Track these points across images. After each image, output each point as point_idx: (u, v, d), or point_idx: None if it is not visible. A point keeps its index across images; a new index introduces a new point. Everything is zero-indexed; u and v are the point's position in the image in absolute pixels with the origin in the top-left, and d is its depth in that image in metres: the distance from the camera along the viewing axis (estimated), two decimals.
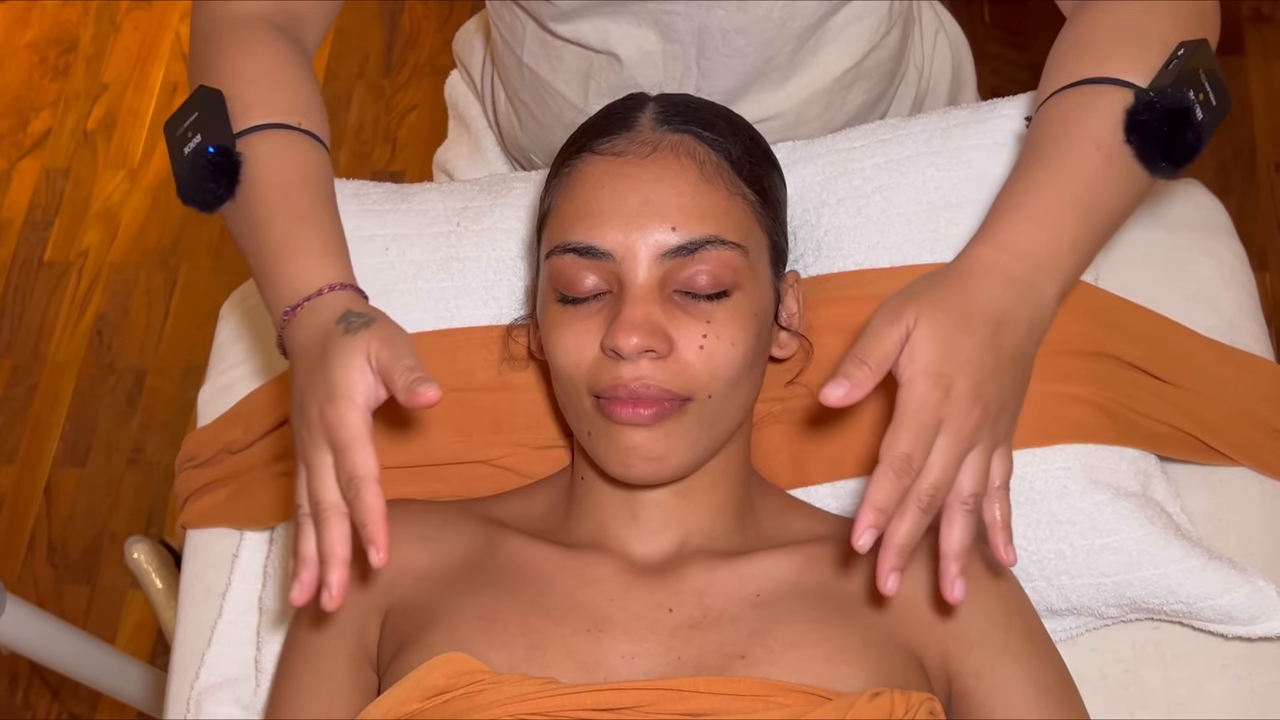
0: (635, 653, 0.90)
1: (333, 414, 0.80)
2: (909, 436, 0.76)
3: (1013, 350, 0.80)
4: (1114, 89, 0.85)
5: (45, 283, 2.35)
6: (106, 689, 1.61)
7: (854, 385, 0.77)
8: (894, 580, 0.76)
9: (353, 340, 0.83)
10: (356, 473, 0.79)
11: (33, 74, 2.58)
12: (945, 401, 0.76)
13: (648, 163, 0.92)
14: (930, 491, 0.76)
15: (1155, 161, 0.85)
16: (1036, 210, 0.84)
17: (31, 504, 2.14)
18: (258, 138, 0.94)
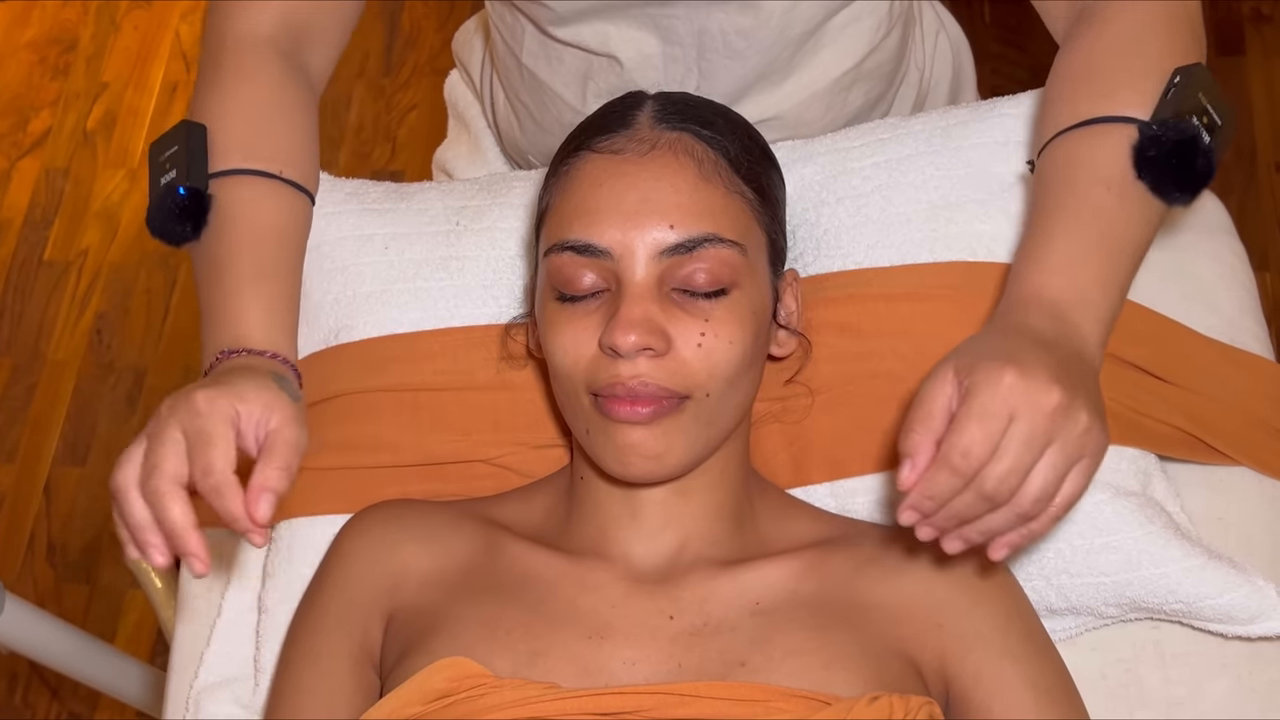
0: (636, 659, 0.90)
1: (206, 402, 0.81)
2: (973, 426, 0.73)
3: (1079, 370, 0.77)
4: (1118, 127, 0.85)
5: (45, 282, 2.35)
6: (106, 688, 1.60)
7: (914, 453, 0.75)
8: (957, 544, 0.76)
9: (273, 388, 0.84)
10: (215, 466, 0.79)
11: (32, 73, 2.58)
12: (1018, 385, 0.73)
13: (646, 161, 0.92)
14: (1000, 481, 0.73)
15: (1170, 193, 0.85)
16: (1058, 260, 0.83)
17: (31, 503, 2.14)
18: (233, 182, 0.96)
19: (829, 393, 1.05)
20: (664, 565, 0.95)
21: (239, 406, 0.82)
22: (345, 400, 1.10)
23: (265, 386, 0.84)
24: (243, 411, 0.82)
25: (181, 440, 0.81)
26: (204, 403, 0.81)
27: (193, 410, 0.82)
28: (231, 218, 0.95)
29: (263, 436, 0.83)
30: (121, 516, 0.82)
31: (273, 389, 0.84)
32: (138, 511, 0.81)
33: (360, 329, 1.13)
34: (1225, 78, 2.23)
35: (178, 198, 0.94)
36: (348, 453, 1.09)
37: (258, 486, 0.80)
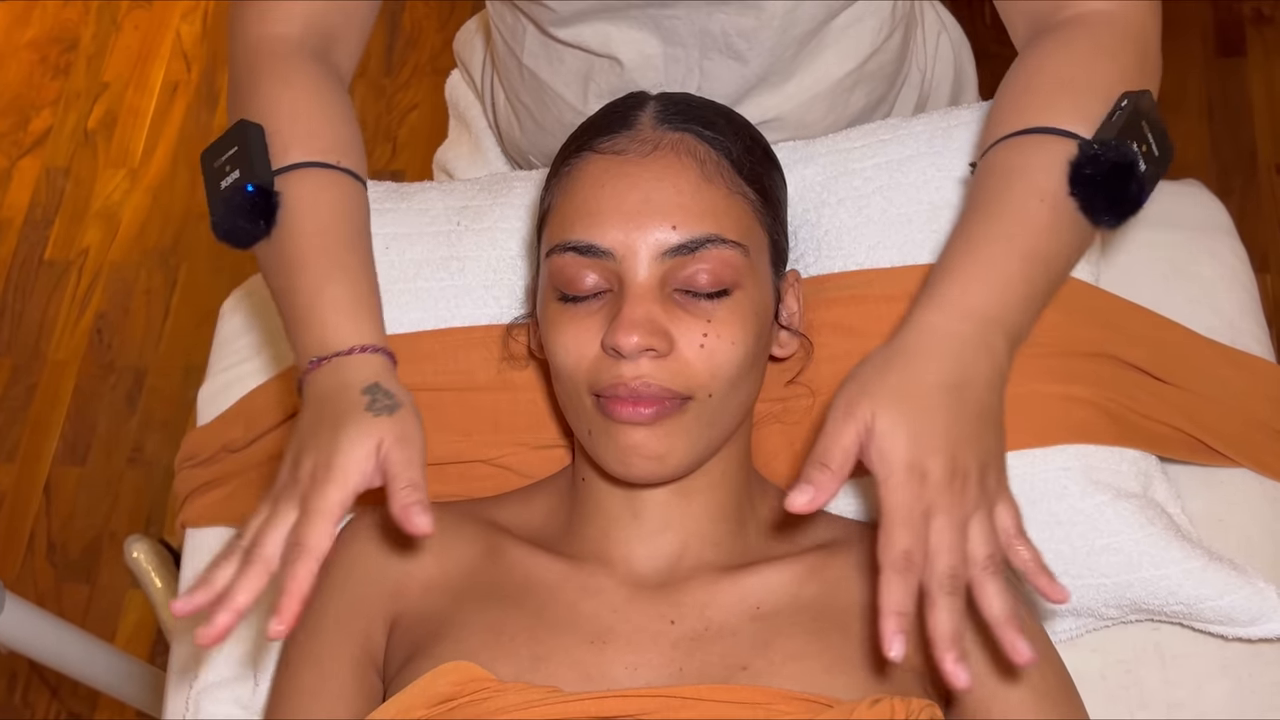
0: (638, 664, 0.90)
1: (319, 483, 0.81)
2: (903, 534, 0.75)
3: (978, 409, 0.80)
4: (1057, 140, 0.86)
5: (45, 281, 2.34)
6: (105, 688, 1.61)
7: (818, 490, 0.77)
8: (963, 672, 0.74)
9: (371, 423, 0.83)
10: (307, 543, 0.79)
11: (33, 73, 2.58)
12: (925, 487, 0.76)
13: (648, 161, 0.92)
14: (950, 574, 0.75)
15: (1099, 214, 0.86)
16: (982, 269, 0.84)
17: (31, 503, 2.14)
18: (296, 176, 0.94)
19: (830, 394, 1.04)
20: (665, 569, 0.95)
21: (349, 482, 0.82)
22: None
23: (360, 426, 0.83)
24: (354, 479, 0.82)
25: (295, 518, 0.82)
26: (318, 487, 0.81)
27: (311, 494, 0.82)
28: (300, 211, 0.93)
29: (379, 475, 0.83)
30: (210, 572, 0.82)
31: (367, 421, 0.83)
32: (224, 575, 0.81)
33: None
34: (1226, 78, 2.23)
35: (246, 196, 0.92)
36: None
37: (400, 512, 0.80)
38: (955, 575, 0.75)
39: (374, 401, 0.85)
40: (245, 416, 1.19)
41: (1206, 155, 2.17)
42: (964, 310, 0.82)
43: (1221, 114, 2.20)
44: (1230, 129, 2.18)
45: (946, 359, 0.80)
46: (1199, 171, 2.13)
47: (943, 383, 0.79)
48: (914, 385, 0.79)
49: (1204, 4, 2.31)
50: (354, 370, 0.88)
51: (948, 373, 0.80)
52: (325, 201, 0.95)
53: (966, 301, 0.82)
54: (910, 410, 0.78)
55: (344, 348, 0.89)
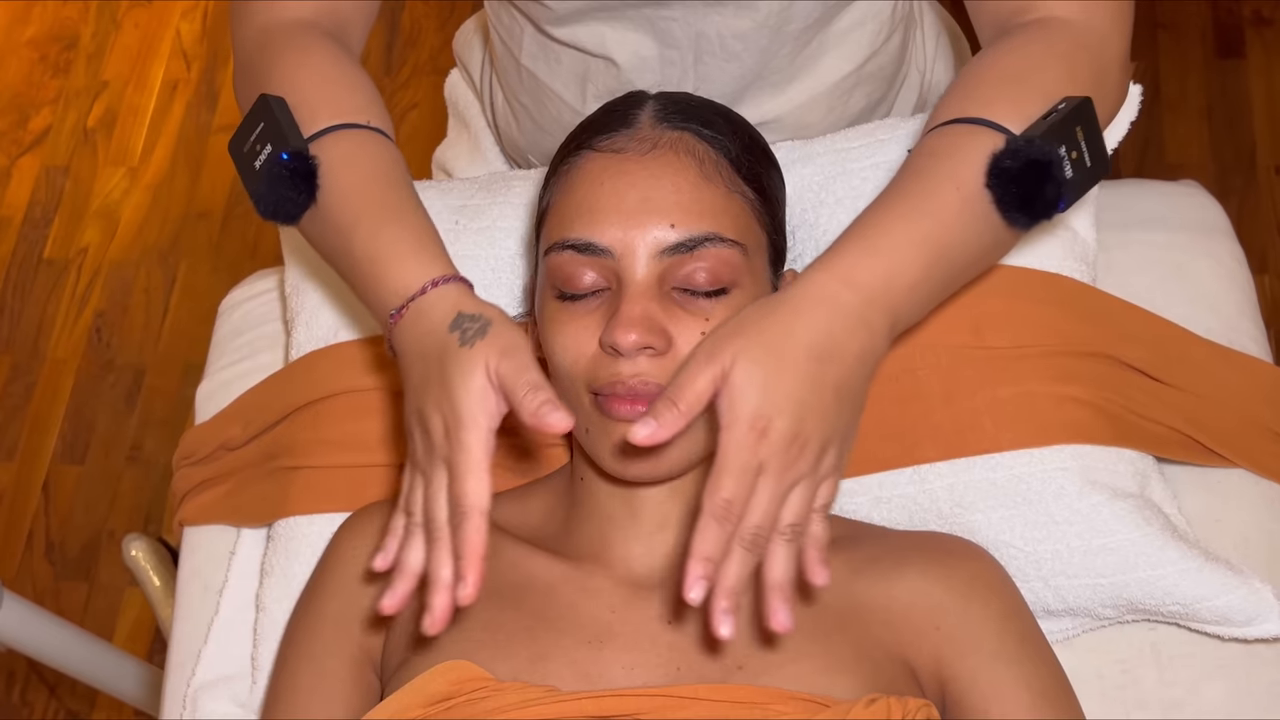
0: (635, 664, 0.90)
1: (455, 435, 0.79)
2: (729, 483, 0.75)
3: (837, 383, 0.78)
4: (986, 131, 0.84)
5: (45, 280, 2.34)
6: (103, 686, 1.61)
7: (660, 426, 0.76)
8: (728, 624, 0.74)
9: (470, 354, 0.81)
10: (465, 502, 0.78)
11: (33, 71, 2.58)
12: (763, 444, 0.75)
13: (647, 160, 0.92)
14: (753, 531, 0.75)
15: (1012, 211, 0.84)
16: (882, 243, 0.82)
17: (30, 501, 2.14)
18: (330, 140, 0.92)
19: None
20: (663, 569, 0.95)
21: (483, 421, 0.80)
22: (344, 399, 1.10)
23: (461, 363, 0.81)
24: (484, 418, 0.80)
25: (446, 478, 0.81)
26: (454, 439, 0.80)
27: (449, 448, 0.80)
28: (340, 170, 0.91)
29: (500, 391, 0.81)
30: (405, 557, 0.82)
31: (465, 357, 0.81)
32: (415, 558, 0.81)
33: (359, 328, 1.13)
34: (1225, 80, 2.23)
35: (282, 165, 0.90)
36: (346, 451, 1.09)
37: (533, 420, 0.78)
38: (758, 536, 0.75)
39: (464, 334, 0.82)
40: (243, 415, 1.19)
41: (1206, 156, 2.17)
42: (851, 280, 0.80)
43: (1221, 115, 2.20)
44: (1230, 130, 2.19)
45: (820, 324, 0.79)
46: (1198, 172, 2.13)
47: (810, 347, 0.78)
48: (781, 343, 0.78)
49: (1204, 5, 2.31)
50: (434, 309, 0.85)
51: (818, 338, 0.78)
52: (364, 158, 0.92)
53: (856, 273, 0.81)
54: (770, 366, 0.77)
55: (415, 289, 0.86)
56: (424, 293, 0.85)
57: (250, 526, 1.17)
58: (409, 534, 0.82)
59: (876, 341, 0.81)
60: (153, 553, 1.71)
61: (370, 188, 0.91)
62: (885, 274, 0.81)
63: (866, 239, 0.82)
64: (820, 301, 0.79)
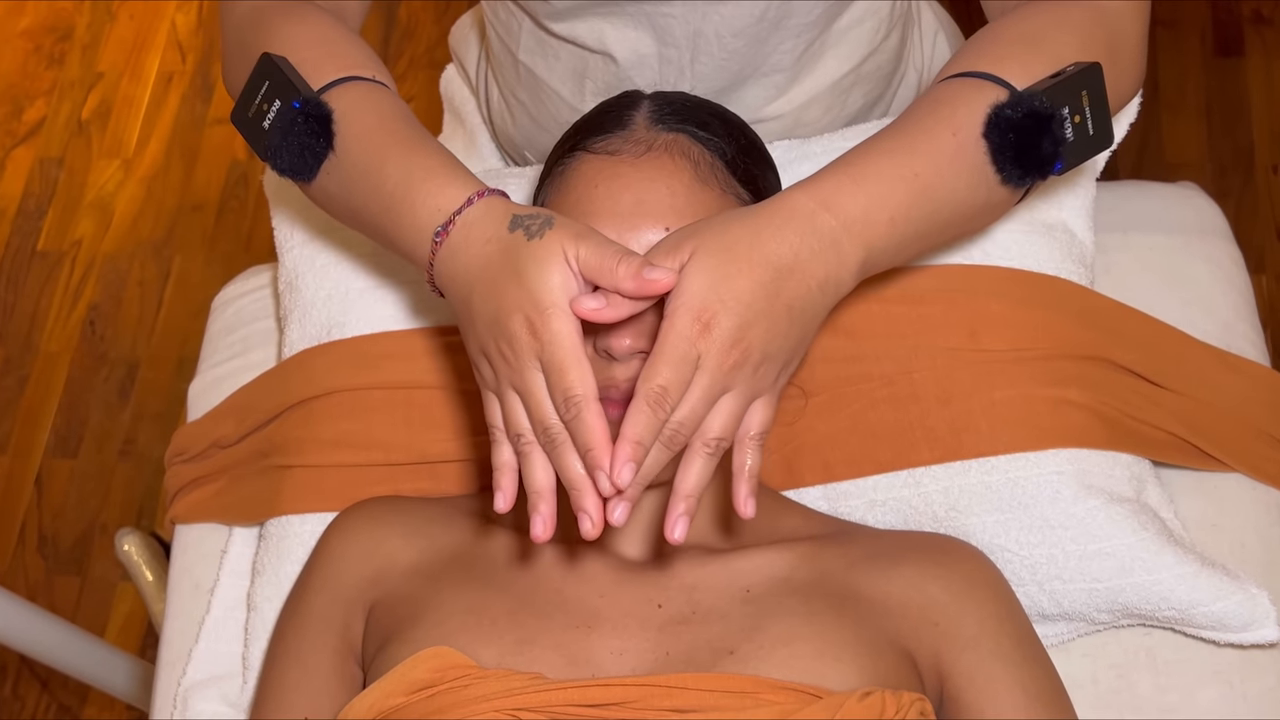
0: (624, 648, 0.89)
1: (544, 328, 0.76)
2: (666, 370, 0.74)
3: (792, 300, 0.77)
4: (992, 86, 0.84)
5: (38, 272, 2.34)
6: (95, 682, 1.60)
7: (609, 303, 0.76)
8: (624, 511, 0.75)
9: (543, 244, 0.78)
10: (574, 392, 0.76)
11: (27, 62, 2.56)
12: (704, 337, 0.75)
13: (642, 162, 0.91)
14: (675, 426, 0.75)
15: (1005, 163, 0.83)
16: (868, 171, 0.81)
17: (22, 494, 2.14)
18: (337, 91, 0.90)
19: (823, 395, 1.05)
20: (653, 555, 0.95)
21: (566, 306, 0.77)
22: (337, 398, 1.10)
23: (537, 255, 0.78)
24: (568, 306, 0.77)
25: (543, 378, 0.78)
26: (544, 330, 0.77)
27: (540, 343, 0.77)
28: (355, 118, 0.88)
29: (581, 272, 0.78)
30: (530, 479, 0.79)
31: (537, 247, 0.78)
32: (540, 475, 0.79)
33: (353, 326, 1.12)
34: (1224, 79, 2.23)
35: (296, 113, 0.87)
36: (339, 451, 1.09)
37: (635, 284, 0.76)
38: (678, 433, 0.75)
39: (528, 230, 0.80)
40: (236, 412, 1.18)
41: (1204, 155, 2.16)
42: (830, 204, 0.79)
43: (1219, 114, 2.20)
44: (1228, 129, 2.18)
45: (788, 239, 0.78)
46: (1196, 171, 2.13)
47: (772, 257, 0.77)
48: (744, 247, 0.77)
49: (1203, 4, 2.30)
50: (485, 218, 0.82)
51: (783, 251, 0.77)
52: (376, 103, 0.90)
53: (837, 197, 0.80)
54: (728, 262, 0.76)
55: (461, 201, 0.83)
56: (470, 204, 0.83)
57: (242, 525, 1.16)
58: (525, 456, 0.79)
59: (844, 272, 0.80)
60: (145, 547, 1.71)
61: (389, 125, 0.89)
62: (865, 203, 0.80)
63: (853, 167, 0.82)
64: (794, 216, 0.79)
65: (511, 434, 0.80)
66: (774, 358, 0.78)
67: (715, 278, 0.76)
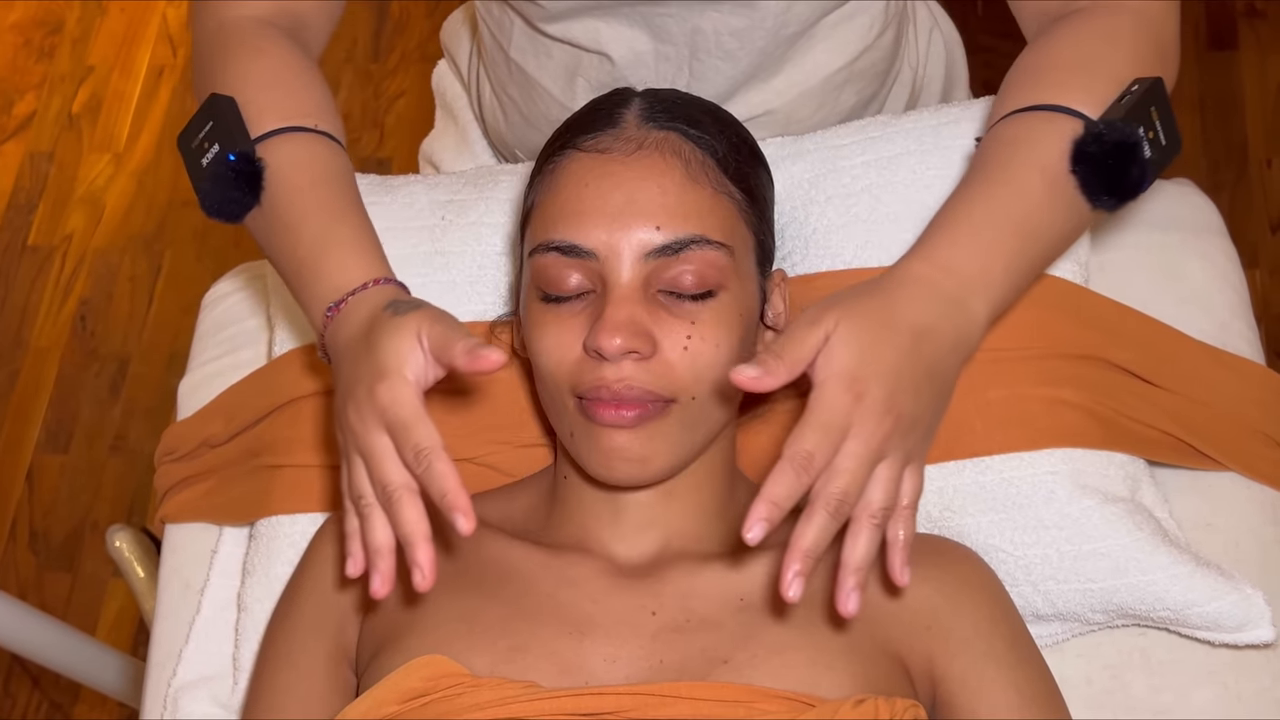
0: (617, 656, 0.89)
1: (386, 392, 0.79)
2: (814, 435, 0.74)
3: (932, 364, 0.79)
4: (1064, 117, 0.85)
5: (28, 267, 2.33)
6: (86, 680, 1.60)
7: (766, 373, 0.76)
8: (798, 586, 0.74)
9: (402, 320, 0.81)
10: (423, 444, 0.77)
11: (17, 56, 2.55)
12: (857, 407, 0.75)
13: (632, 160, 0.91)
14: (840, 496, 0.74)
15: (1098, 194, 0.85)
16: (973, 229, 0.83)
17: (13, 490, 2.13)
18: (276, 142, 0.92)
19: None
20: (647, 561, 0.94)
21: (407, 374, 0.79)
22: (327, 397, 1.09)
23: (395, 329, 0.81)
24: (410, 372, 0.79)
25: (389, 440, 0.79)
26: (386, 395, 0.79)
27: (379, 407, 0.79)
28: (286, 175, 0.91)
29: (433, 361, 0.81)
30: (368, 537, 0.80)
31: (398, 324, 0.81)
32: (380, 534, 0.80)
33: None
34: (1218, 72, 2.22)
35: (228, 166, 0.90)
36: (329, 450, 1.08)
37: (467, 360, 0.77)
38: (844, 502, 0.74)
39: (397, 309, 0.83)
40: (225, 411, 1.18)
41: (1197, 149, 2.16)
42: (948, 267, 0.81)
43: (1213, 108, 2.19)
44: (1221, 123, 2.18)
45: (918, 304, 0.79)
46: (1190, 166, 2.13)
47: (912, 323, 0.78)
48: (884, 313, 0.78)
49: None
50: (372, 300, 0.85)
51: (919, 316, 0.79)
52: (310, 160, 0.93)
53: (952, 260, 0.81)
54: (872, 332, 0.77)
55: (357, 284, 0.87)
56: (364, 288, 0.86)
57: (232, 525, 1.16)
58: (365, 518, 0.80)
59: (973, 329, 0.81)
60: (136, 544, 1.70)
61: (316, 190, 0.92)
62: (981, 260, 0.82)
63: (958, 226, 0.83)
64: (919, 283, 0.80)
65: (353, 495, 0.82)
66: (920, 421, 0.78)
67: (862, 347, 0.76)
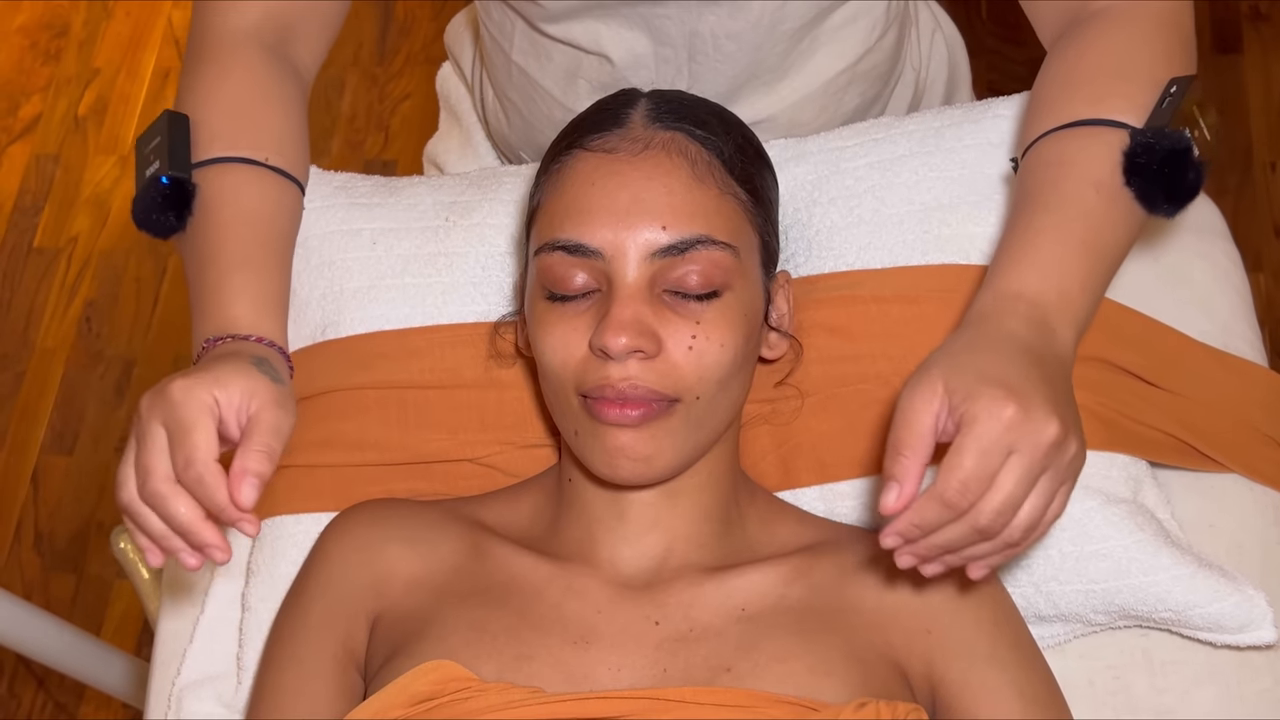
0: (621, 665, 0.89)
1: (189, 395, 0.80)
2: (973, 461, 0.72)
3: (1053, 380, 0.77)
4: (1109, 130, 0.85)
5: (34, 269, 2.33)
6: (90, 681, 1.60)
7: (902, 478, 0.74)
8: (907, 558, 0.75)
9: (252, 372, 0.83)
10: (194, 456, 0.78)
11: (24, 58, 2.56)
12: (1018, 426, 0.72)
13: (639, 160, 0.91)
14: (996, 514, 0.72)
15: (1158, 203, 0.85)
16: (1041, 258, 0.82)
17: (19, 492, 2.13)
18: (216, 170, 0.94)
19: (819, 395, 1.04)
20: (650, 570, 0.94)
21: (216, 393, 0.81)
22: (331, 397, 1.09)
23: (244, 371, 0.83)
24: (220, 398, 0.82)
25: (164, 436, 0.80)
26: (180, 393, 0.81)
27: (169, 402, 0.81)
28: (215, 207, 0.94)
29: (244, 422, 0.82)
30: (141, 530, 0.82)
31: (252, 372, 0.83)
32: (153, 523, 0.81)
33: (347, 325, 1.12)
34: (1222, 76, 2.22)
35: (160, 187, 0.93)
36: (333, 450, 1.08)
37: (238, 472, 0.79)
38: (996, 522, 0.73)
39: (260, 364, 0.84)
40: None
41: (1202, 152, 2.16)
42: (1024, 297, 0.80)
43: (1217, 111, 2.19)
44: (1226, 126, 2.18)
45: (1012, 323, 0.78)
46: None
47: (1016, 344, 0.77)
48: (986, 344, 0.77)
49: (1201, 1, 2.30)
50: (248, 348, 0.87)
51: (1019, 337, 0.78)
52: (243, 197, 0.95)
53: (1026, 290, 0.81)
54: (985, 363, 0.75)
55: (243, 333, 0.89)
56: (248, 339, 0.90)
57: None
58: (157, 501, 0.80)
59: (1066, 351, 0.81)
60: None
61: (237, 229, 0.94)
62: (1057, 286, 0.81)
63: (1025, 258, 0.83)
64: (1003, 314, 0.79)
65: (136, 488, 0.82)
66: (1073, 433, 0.76)
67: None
